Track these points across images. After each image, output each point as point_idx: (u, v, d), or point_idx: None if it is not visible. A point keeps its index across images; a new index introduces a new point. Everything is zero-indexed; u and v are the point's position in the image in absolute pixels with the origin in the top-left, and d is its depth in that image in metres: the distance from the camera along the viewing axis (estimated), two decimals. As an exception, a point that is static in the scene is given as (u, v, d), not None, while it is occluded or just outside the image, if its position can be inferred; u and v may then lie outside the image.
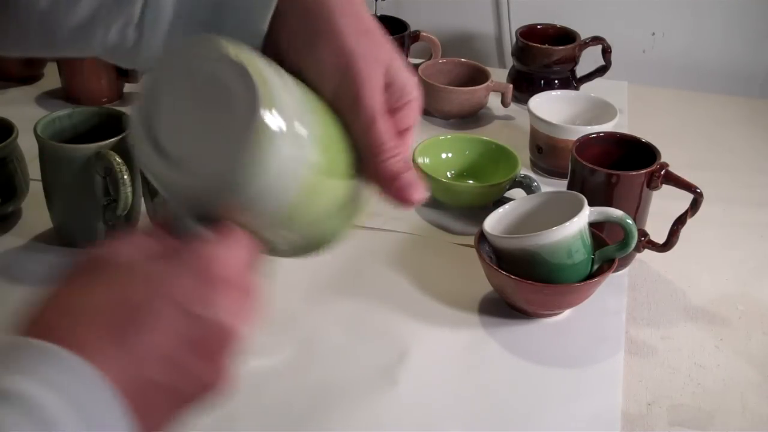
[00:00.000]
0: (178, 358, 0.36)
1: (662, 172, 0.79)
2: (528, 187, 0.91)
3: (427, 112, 1.14)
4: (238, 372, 0.39)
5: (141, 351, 0.35)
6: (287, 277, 0.37)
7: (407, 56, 1.21)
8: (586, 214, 0.74)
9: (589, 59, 1.17)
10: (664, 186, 0.80)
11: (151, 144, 0.40)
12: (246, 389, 0.48)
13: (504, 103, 1.14)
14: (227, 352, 0.38)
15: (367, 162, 0.45)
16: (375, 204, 0.47)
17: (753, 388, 0.71)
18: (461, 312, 0.78)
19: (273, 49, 0.45)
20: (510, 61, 1.21)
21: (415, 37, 1.21)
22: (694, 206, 0.79)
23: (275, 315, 0.32)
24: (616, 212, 0.75)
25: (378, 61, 0.45)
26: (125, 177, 0.77)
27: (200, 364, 0.37)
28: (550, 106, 1.03)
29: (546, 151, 1.00)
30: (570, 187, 0.84)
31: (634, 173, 0.80)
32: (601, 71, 1.18)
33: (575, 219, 0.72)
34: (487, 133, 1.08)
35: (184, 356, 0.36)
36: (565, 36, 1.18)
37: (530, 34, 1.18)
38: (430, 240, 0.89)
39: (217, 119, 0.39)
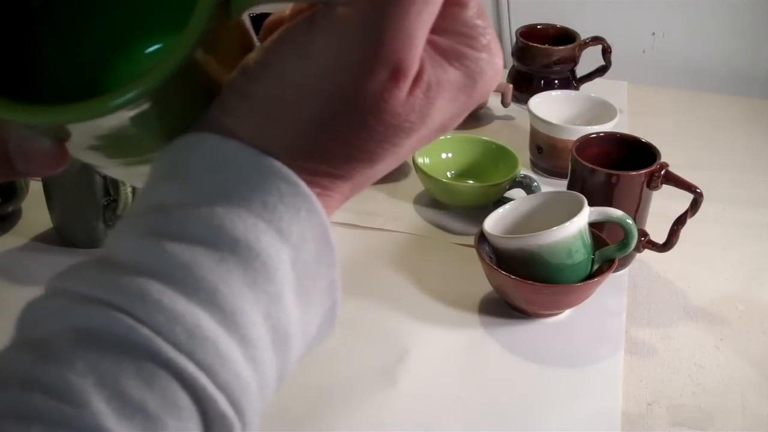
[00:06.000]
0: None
1: (662, 172, 0.79)
2: (528, 187, 0.91)
3: (427, 112, 1.14)
4: None
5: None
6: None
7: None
8: (586, 214, 0.74)
9: (589, 59, 1.17)
10: (664, 186, 0.80)
11: None
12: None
13: (504, 103, 1.14)
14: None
15: None
16: (375, 204, 0.47)
17: (753, 388, 0.71)
18: (461, 312, 0.78)
19: None
20: (510, 61, 1.21)
21: (415, 37, 1.21)
22: (694, 206, 0.79)
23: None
24: (616, 212, 0.75)
25: None
26: (125, 177, 0.77)
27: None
28: (550, 106, 1.03)
29: (546, 151, 1.00)
30: (570, 187, 0.84)
31: (634, 173, 0.80)
32: (601, 71, 1.18)
33: (575, 219, 0.72)
34: (487, 133, 1.08)
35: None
36: (565, 36, 1.18)
37: (530, 34, 1.18)
38: (430, 240, 0.89)
39: None
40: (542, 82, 1.17)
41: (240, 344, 0.28)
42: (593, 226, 0.76)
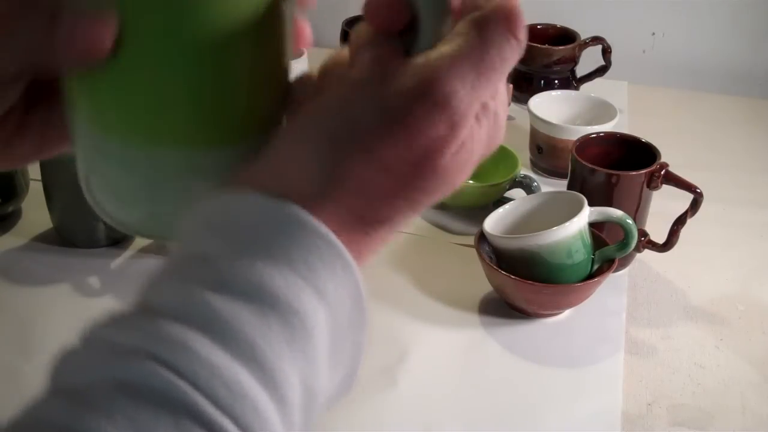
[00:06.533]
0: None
1: (662, 172, 0.79)
2: (528, 187, 0.91)
3: (427, 112, 1.14)
4: None
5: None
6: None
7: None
8: (586, 214, 0.74)
9: (589, 59, 1.17)
10: (664, 186, 0.80)
11: None
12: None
13: (504, 103, 1.14)
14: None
15: None
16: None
17: (753, 388, 0.71)
18: (461, 312, 0.78)
19: None
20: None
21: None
22: (694, 206, 0.79)
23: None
24: (616, 212, 0.75)
25: None
26: (125, 177, 0.77)
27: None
28: (550, 106, 1.03)
29: (546, 151, 1.00)
30: (570, 187, 0.84)
31: (634, 173, 0.80)
32: (601, 71, 1.18)
33: (575, 219, 0.72)
34: (487, 133, 1.07)
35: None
36: (565, 36, 1.18)
37: (530, 34, 1.16)
38: (430, 240, 0.89)
39: None
40: (542, 82, 1.17)
41: (278, 405, 0.28)
42: (593, 226, 0.76)
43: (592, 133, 0.88)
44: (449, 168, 0.32)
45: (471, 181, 0.97)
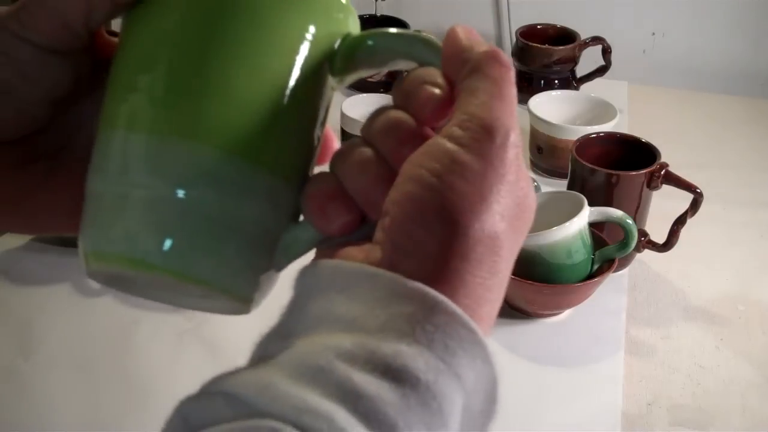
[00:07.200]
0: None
1: (662, 172, 0.79)
2: (528, 187, 0.91)
3: (427, 112, 1.14)
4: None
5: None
6: (285, 275, 0.37)
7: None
8: (586, 214, 0.74)
9: (589, 59, 1.17)
10: (664, 186, 0.80)
11: None
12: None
13: (504, 103, 1.13)
14: None
15: None
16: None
17: (753, 388, 0.71)
18: (461, 312, 0.78)
19: None
20: (510, 61, 1.21)
21: (415, 37, 1.21)
22: (694, 206, 0.79)
23: (274, 316, 0.32)
24: (616, 212, 0.75)
25: None
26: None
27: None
28: (550, 106, 1.03)
29: (546, 151, 1.00)
30: (570, 187, 0.84)
31: (634, 173, 0.80)
32: (601, 71, 1.18)
33: (575, 219, 0.72)
34: (487, 133, 1.07)
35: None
36: (565, 36, 1.18)
37: (530, 34, 1.18)
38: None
39: None
40: (542, 82, 1.17)
41: None
42: (593, 226, 0.76)
43: (592, 133, 0.88)
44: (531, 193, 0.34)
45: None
